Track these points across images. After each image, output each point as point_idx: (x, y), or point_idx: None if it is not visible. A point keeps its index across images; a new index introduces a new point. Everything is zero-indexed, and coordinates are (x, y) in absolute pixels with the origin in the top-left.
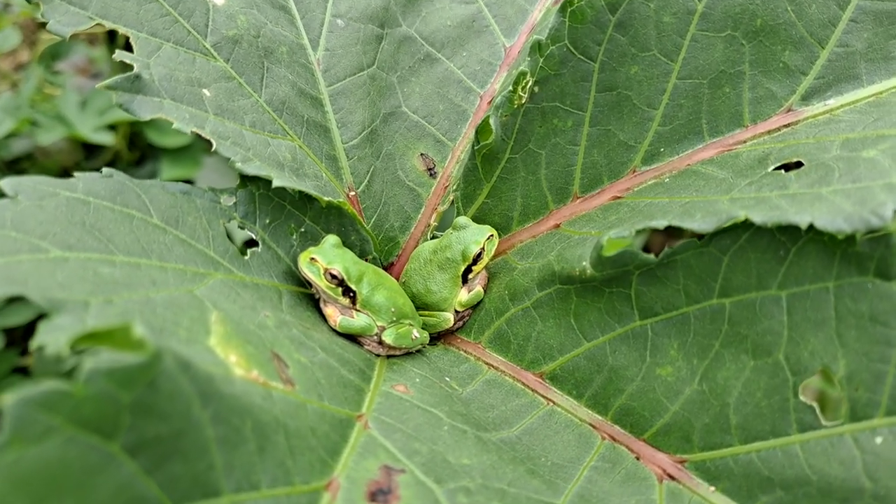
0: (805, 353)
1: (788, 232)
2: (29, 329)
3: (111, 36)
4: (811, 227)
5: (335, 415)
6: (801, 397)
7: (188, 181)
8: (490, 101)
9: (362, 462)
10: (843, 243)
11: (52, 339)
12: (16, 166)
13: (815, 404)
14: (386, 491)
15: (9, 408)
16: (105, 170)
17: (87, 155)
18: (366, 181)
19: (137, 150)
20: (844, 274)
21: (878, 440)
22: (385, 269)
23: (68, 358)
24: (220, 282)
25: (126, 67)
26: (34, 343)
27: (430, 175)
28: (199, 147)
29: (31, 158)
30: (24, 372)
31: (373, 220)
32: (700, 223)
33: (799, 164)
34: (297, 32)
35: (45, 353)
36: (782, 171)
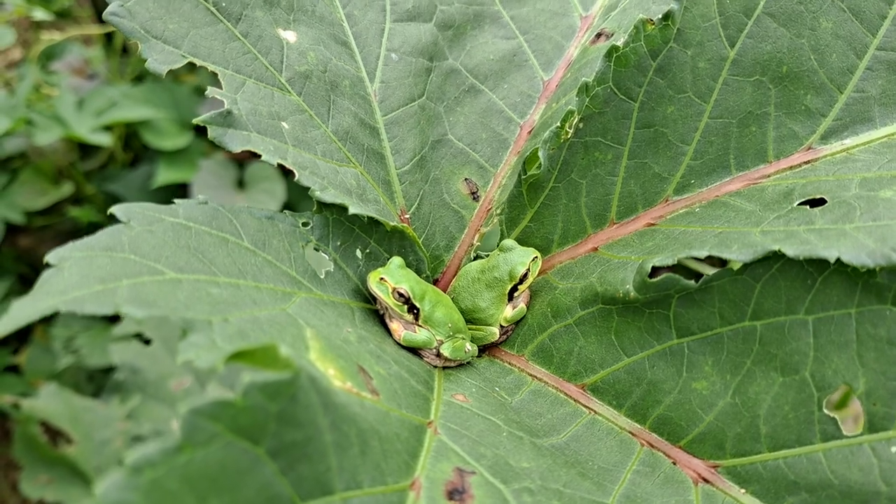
0: (829, 371)
1: (815, 264)
2: (22, 328)
3: (108, 37)
4: (838, 260)
5: (412, 422)
6: (825, 410)
7: (184, 184)
8: (529, 131)
9: (437, 464)
10: (864, 275)
11: (195, 355)
12: (8, 165)
13: (836, 416)
14: (461, 490)
15: (183, 416)
16: (200, 197)
17: (82, 155)
18: (416, 204)
19: (132, 152)
20: (865, 302)
21: (894, 449)
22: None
23: (64, 356)
24: (305, 300)
25: (217, 102)
26: (180, 359)
27: (474, 198)
28: (195, 150)
29: (23, 157)
30: (15, 370)
31: (421, 239)
32: (737, 254)
33: (821, 201)
34: (357, 66)
35: (195, 365)
36: (807, 206)
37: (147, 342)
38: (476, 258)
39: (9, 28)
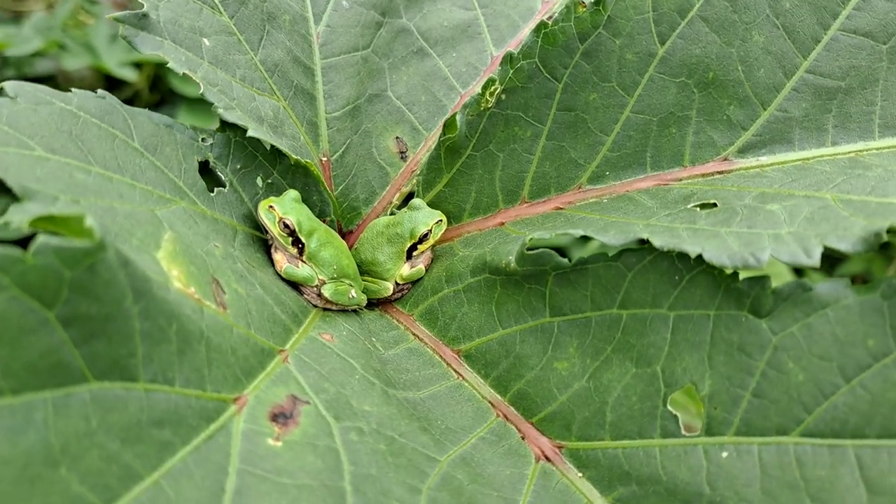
0: (679, 368)
1: (686, 261)
2: None
3: None
4: (700, 258)
5: (258, 343)
6: (669, 407)
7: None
8: None
9: (273, 388)
10: (728, 278)
11: (17, 218)
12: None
13: (678, 415)
14: (287, 416)
15: None
16: (100, 91)
17: (108, 87)
18: (341, 151)
19: (158, 94)
20: (724, 305)
21: (724, 455)
22: (344, 236)
23: None
24: (182, 209)
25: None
26: (1, 220)
27: (401, 158)
28: None
29: (52, 80)
30: None
31: (341, 188)
32: (611, 238)
33: (713, 206)
34: (303, 5)
35: (9, 228)
36: (698, 209)
37: None
38: (391, 215)
39: None
